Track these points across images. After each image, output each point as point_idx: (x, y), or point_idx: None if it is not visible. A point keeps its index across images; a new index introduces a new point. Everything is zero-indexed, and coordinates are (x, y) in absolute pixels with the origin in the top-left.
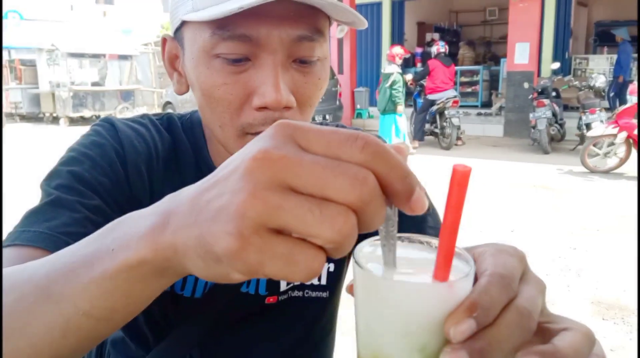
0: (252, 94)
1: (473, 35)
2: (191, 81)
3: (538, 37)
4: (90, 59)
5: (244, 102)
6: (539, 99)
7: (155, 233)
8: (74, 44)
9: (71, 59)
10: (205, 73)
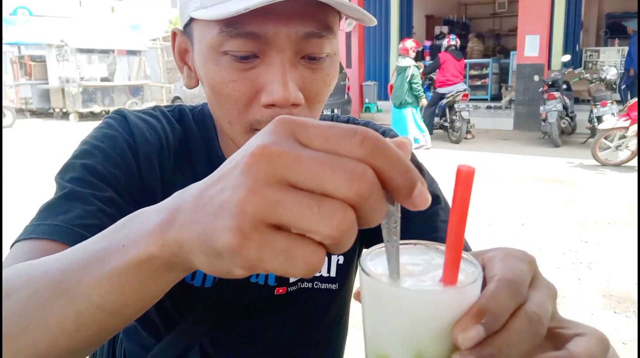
0: (260, 91)
1: (482, 28)
2: (200, 76)
3: (548, 30)
4: (99, 54)
5: (252, 99)
6: (550, 91)
7: (163, 229)
8: (83, 39)
9: (80, 54)
10: (214, 69)
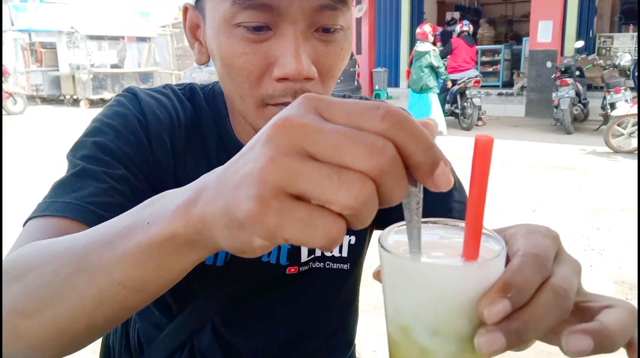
0: (273, 64)
1: (494, 13)
2: (212, 50)
3: (562, 15)
4: (109, 41)
5: (264, 73)
6: (562, 78)
7: (188, 207)
8: (93, 26)
9: (90, 41)
10: (226, 42)
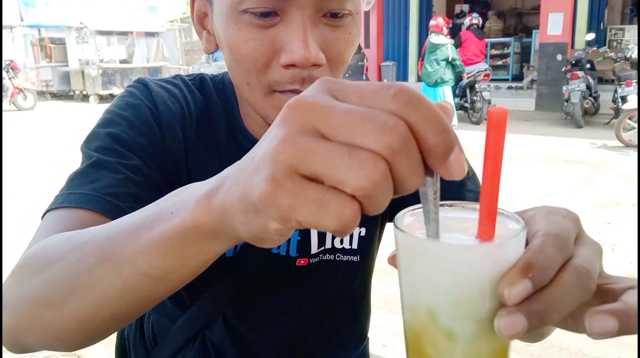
0: (280, 51)
1: (504, 6)
2: (219, 38)
3: (572, 7)
4: (118, 36)
5: (272, 59)
6: (573, 71)
7: (211, 196)
8: (102, 21)
9: (99, 36)
10: (233, 28)
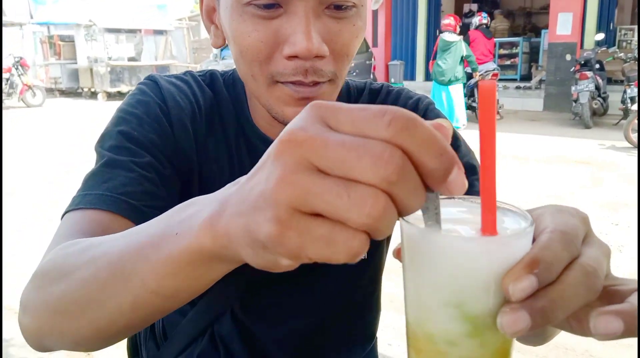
0: (283, 42)
1: (512, 5)
2: (226, 32)
3: (582, 7)
4: (126, 34)
5: (275, 51)
6: (582, 71)
7: (214, 221)
8: (111, 19)
9: (108, 34)
10: (238, 20)
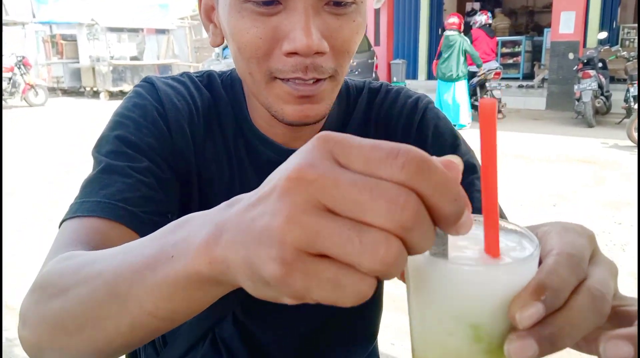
0: (282, 39)
1: (515, 4)
2: (225, 30)
3: (585, 6)
4: (128, 33)
5: (274, 48)
6: (585, 70)
7: (210, 245)
8: (113, 18)
9: (110, 33)
10: (236, 17)
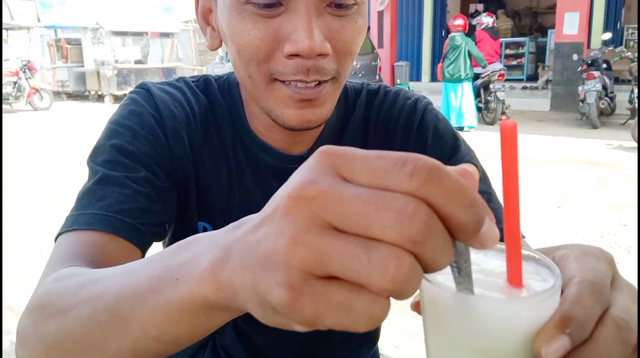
0: (284, 41)
1: (518, 5)
2: (223, 33)
3: (589, 7)
4: (133, 37)
5: (275, 50)
6: (589, 71)
7: (216, 269)
8: (117, 22)
9: (115, 37)
10: (237, 19)
